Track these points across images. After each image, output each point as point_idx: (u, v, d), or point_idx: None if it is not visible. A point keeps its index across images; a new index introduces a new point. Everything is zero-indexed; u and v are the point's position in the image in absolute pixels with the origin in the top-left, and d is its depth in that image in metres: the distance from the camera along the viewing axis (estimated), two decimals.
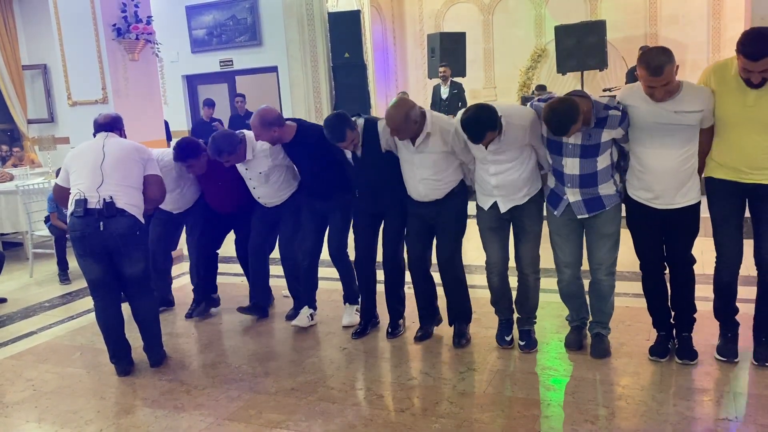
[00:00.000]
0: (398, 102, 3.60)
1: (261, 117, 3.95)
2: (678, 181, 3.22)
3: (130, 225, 3.71)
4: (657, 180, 3.23)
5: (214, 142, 4.12)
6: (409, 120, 3.53)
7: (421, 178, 3.69)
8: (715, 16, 10.83)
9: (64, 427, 3.26)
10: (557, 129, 3.17)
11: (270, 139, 4.02)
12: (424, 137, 3.60)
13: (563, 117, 3.13)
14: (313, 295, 4.41)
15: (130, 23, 6.41)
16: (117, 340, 3.85)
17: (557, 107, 3.16)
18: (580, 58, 10.13)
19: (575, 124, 3.13)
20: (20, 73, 10.98)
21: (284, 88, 10.14)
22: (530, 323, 3.81)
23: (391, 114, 3.55)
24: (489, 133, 3.30)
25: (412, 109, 3.55)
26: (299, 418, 3.16)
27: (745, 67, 2.96)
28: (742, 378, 3.26)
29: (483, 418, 3.04)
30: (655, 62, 3.01)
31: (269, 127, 3.96)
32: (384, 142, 3.79)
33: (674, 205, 3.26)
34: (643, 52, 3.21)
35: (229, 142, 4.13)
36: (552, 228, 3.59)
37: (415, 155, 3.66)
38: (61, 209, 6.11)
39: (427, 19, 13.04)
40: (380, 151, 3.81)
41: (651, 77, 3.04)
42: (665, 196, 3.25)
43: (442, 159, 3.64)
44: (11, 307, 5.39)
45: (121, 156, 3.79)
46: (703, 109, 3.14)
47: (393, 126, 3.56)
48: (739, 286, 3.39)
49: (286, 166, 4.32)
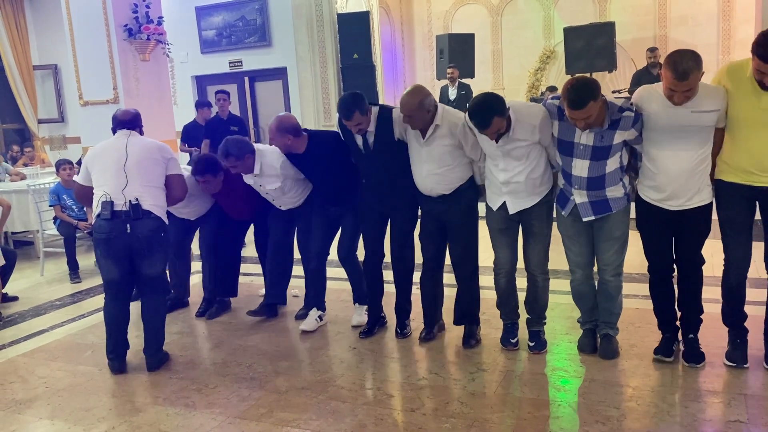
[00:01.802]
0: (413, 89, 3.61)
1: (279, 122, 3.98)
2: (692, 183, 3.20)
3: (156, 227, 3.73)
4: (670, 181, 3.21)
5: (226, 143, 4.15)
6: (423, 108, 3.54)
7: (428, 172, 3.69)
8: (725, 18, 10.77)
9: (76, 424, 3.29)
10: (575, 101, 3.08)
11: (283, 146, 4.04)
12: (433, 129, 3.60)
13: (583, 89, 3.09)
14: (321, 296, 4.42)
15: (142, 24, 6.46)
16: (118, 338, 3.88)
17: (577, 80, 3.15)
18: (589, 59, 10.11)
19: (594, 100, 3.07)
20: (31, 73, 11.06)
21: (293, 89, 10.16)
22: (540, 324, 3.81)
23: (406, 100, 3.56)
24: (496, 118, 3.27)
25: (426, 97, 3.56)
26: (310, 417, 3.17)
27: (758, 68, 2.95)
28: (753, 380, 3.25)
29: (493, 419, 3.04)
30: (682, 66, 2.94)
31: (284, 133, 3.97)
32: (398, 131, 3.79)
33: (686, 206, 3.25)
34: (672, 52, 3.07)
35: (240, 146, 4.14)
36: (561, 228, 3.59)
37: (423, 148, 3.67)
38: (64, 201, 6.15)
39: (436, 21, 13.03)
40: (393, 140, 3.80)
41: (676, 81, 2.98)
42: (678, 197, 3.23)
43: (449, 153, 3.64)
44: (23, 306, 5.43)
45: (144, 156, 3.79)
46: (719, 108, 3.12)
47: (406, 112, 3.56)
48: (750, 289, 3.38)
49: (299, 179, 4.33)
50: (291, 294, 4.97)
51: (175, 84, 10.54)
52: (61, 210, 6.16)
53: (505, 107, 3.32)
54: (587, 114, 3.11)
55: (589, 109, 3.09)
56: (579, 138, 3.29)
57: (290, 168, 4.22)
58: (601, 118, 3.20)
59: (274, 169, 4.19)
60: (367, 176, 4.00)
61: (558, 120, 3.36)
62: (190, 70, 10.80)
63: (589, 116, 3.12)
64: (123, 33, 6.37)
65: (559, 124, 3.36)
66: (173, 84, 10.29)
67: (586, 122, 3.15)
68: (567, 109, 3.16)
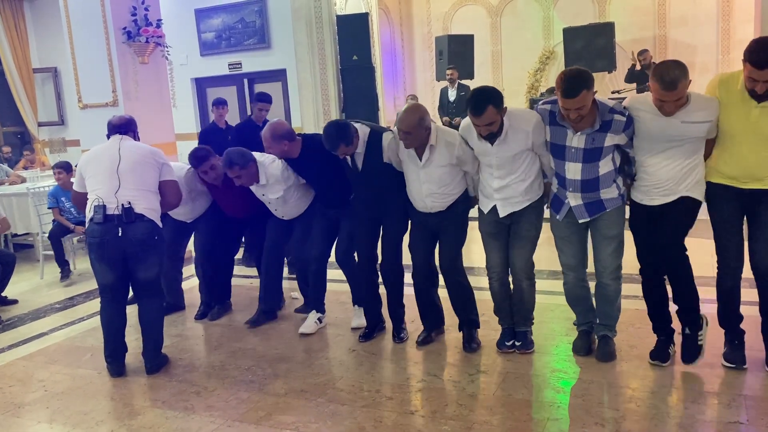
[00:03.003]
0: (412, 107, 3.66)
1: (273, 130, 4.01)
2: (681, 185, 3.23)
3: (149, 230, 3.73)
4: (657, 186, 3.26)
5: (228, 154, 4.18)
6: (422, 125, 3.56)
7: (429, 192, 3.71)
8: (725, 18, 10.77)
9: (75, 427, 3.28)
10: (568, 90, 3.09)
11: (280, 153, 4.07)
12: (429, 150, 3.62)
13: (576, 78, 3.10)
14: (321, 299, 4.42)
15: (140, 26, 6.45)
16: (116, 341, 3.88)
17: (570, 70, 3.17)
18: (589, 60, 10.07)
19: (587, 89, 3.08)
20: (31, 76, 11.06)
21: (292, 91, 10.16)
22: (527, 325, 3.81)
23: (405, 117, 3.57)
24: (490, 107, 3.27)
25: (425, 114, 3.60)
26: (309, 420, 3.17)
27: (750, 75, 2.95)
28: (753, 382, 3.24)
29: (492, 421, 3.04)
30: (669, 77, 2.97)
31: (280, 140, 4.00)
32: (386, 157, 3.81)
33: (671, 197, 3.26)
34: (657, 64, 3.14)
35: (242, 155, 4.18)
36: (554, 230, 3.60)
37: (421, 171, 3.69)
38: (62, 204, 6.16)
39: (435, 22, 13.03)
40: (381, 162, 3.83)
41: (664, 92, 3.00)
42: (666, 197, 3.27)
43: (448, 172, 3.68)
44: (22, 309, 5.42)
45: (137, 159, 3.79)
46: (711, 119, 3.14)
47: (405, 128, 3.56)
48: (745, 289, 3.37)
49: (300, 185, 4.35)
50: (290, 296, 4.97)
51: (174, 86, 10.54)
52: (59, 213, 6.16)
53: (502, 102, 3.34)
54: (581, 103, 3.11)
55: (582, 98, 3.09)
56: (570, 141, 3.31)
57: (291, 174, 4.25)
58: (592, 117, 3.22)
59: (276, 178, 4.23)
60: (359, 192, 4.04)
61: (549, 125, 3.38)
62: (189, 72, 10.79)
63: (582, 106, 3.12)
64: (122, 36, 6.36)
65: (550, 129, 3.38)
66: (172, 86, 10.30)
67: (579, 113, 3.14)
68: (560, 99, 3.17)
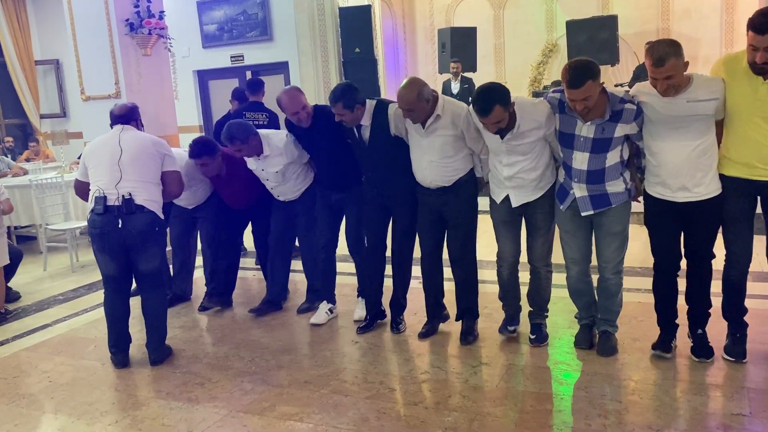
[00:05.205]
0: (409, 81, 3.58)
1: (290, 93, 4.01)
2: (696, 172, 3.17)
3: (150, 221, 3.73)
4: (673, 174, 3.19)
5: (228, 128, 4.16)
6: (422, 98, 3.50)
7: (429, 161, 3.66)
8: (728, 11, 10.72)
9: (79, 418, 3.30)
10: (573, 81, 3.08)
11: (294, 116, 4.02)
12: (434, 119, 3.58)
13: (581, 69, 3.09)
14: (332, 289, 4.42)
15: (143, 18, 6.46)
16: (119, 331, 3.89)
17: (576, 61, 3.15)
18: (592, 53, 10.03)
19: (593, 80, 3.07)
20: (33, 68, 11.05)
21: (295, 83, 10.14)
22: (542, 317, 3.81)
23: (403, 94, 3.53)
24: (498, 107, 3.24)
25: (423, 87, 3.52)
26: (312, 411, 3.18)
27: (751, 43, 2.94)
28: (756, 374, 3.25)
29: (496, 412, 3.05)
30: (658, 53, 2.99)
31: (297, 102, 3.98)
32: (393, 127, 3.77)
33: (694, 197, 3.21)
34: (651, 43, 3.17)
35: (243, 130, 4.16)
36: (559, 223, 3.58)
37: (424, 138, 3.64)
38: None
39: (438, 14, 12.98)
40: (389, 136, 3.79)
41: (653, 68, 3.02)
42: (684, 188, 3.20)
43: (450, 143, 3.62)
44: (26, 300, 5.44)
45: (138, 151, 3.79)
46: (717, 97, 3.12)
47: (405, 106, 3.53)
48: (751, 282, 3.37)
49: (301, 162, 4.33)
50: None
51: (177, 79, 10.53)
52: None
53: (510, 99, 3.30)
54: (586, 94, 3.09)
55: (587, 89, 3.08)
56: (580, 130, 3.29)
57: (294, 149, 4.23)
58: (602, 108, 3.20)
59: (278, 149, 4.20)
60: (366, 170, 4.00)
61: (559, 113, 3.36)
62: (191, 64, 10.78)
63: (587, 97, 3.11)
64: (124, 27, 6.37)
65: (560, 117, 3.36)
66: (175, 79, 10.27)
67: (585, 104, 3.13)
68: (566, 90, 3.16)
